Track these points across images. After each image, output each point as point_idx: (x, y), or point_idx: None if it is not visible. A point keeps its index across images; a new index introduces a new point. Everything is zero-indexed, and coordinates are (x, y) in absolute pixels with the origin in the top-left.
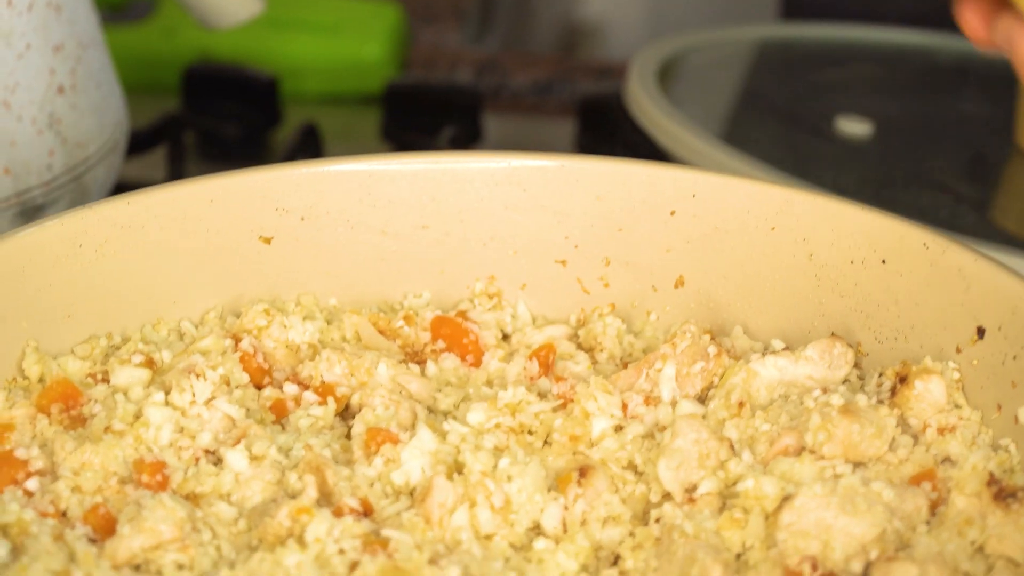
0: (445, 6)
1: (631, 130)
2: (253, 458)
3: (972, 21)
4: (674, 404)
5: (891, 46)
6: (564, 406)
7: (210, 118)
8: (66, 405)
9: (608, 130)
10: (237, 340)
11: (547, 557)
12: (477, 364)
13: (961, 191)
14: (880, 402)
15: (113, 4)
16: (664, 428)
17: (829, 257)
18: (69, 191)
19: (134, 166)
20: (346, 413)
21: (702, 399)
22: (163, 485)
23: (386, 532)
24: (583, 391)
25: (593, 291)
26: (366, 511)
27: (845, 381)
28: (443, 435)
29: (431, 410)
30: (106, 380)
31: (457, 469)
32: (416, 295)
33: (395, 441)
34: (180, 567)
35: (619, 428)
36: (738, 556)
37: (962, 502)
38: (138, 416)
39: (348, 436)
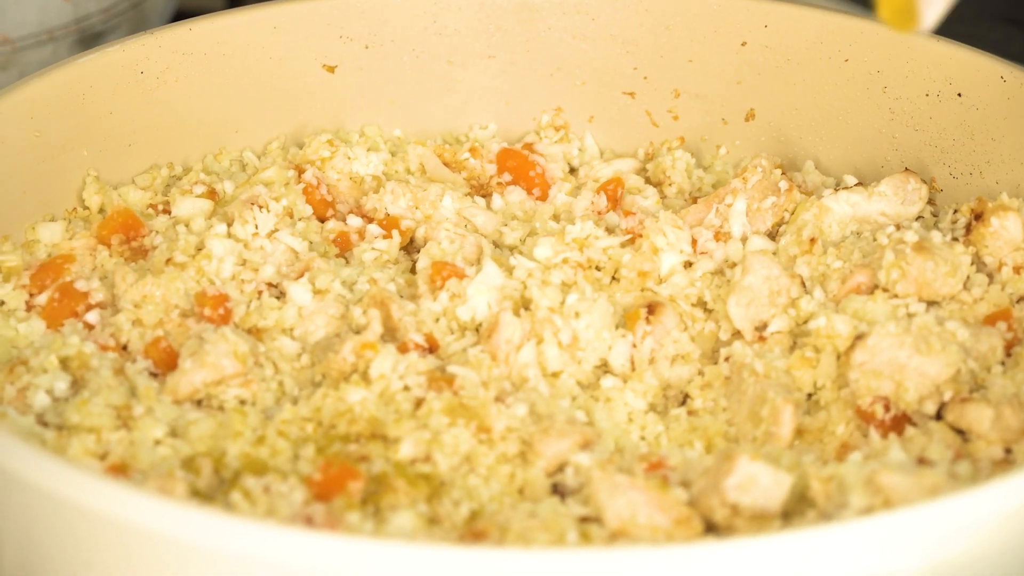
0: None
1: None
2: (316, 292)
3: None
4: (744, 240)
5: None
6: (632, 241)
7: None
8: (127, 236)
9: None
10: (300, 171)
11: (615, 395)
12: (544, 198)
13: None
14: (955, 239)
15: None
16: (734, 264)
17: (903, 90)
18: (128, 19)
19: None
20: (411, 247)
21: (773, 235)
22: (225, 319)
23: (452, 369)
24: (652, 226)
25: (662, 124)
26: (431, 347)
27: (919, 218)
28: (509, 270)
29: (497, 244)
30: (167, 211)
31: (524, 305)
32: (482, 126)
33: (461, 276)
34: (242, 402)
35: (688, 264)
36: (809, 396)
37: None
38: (200, 248)
39: (413, 270)
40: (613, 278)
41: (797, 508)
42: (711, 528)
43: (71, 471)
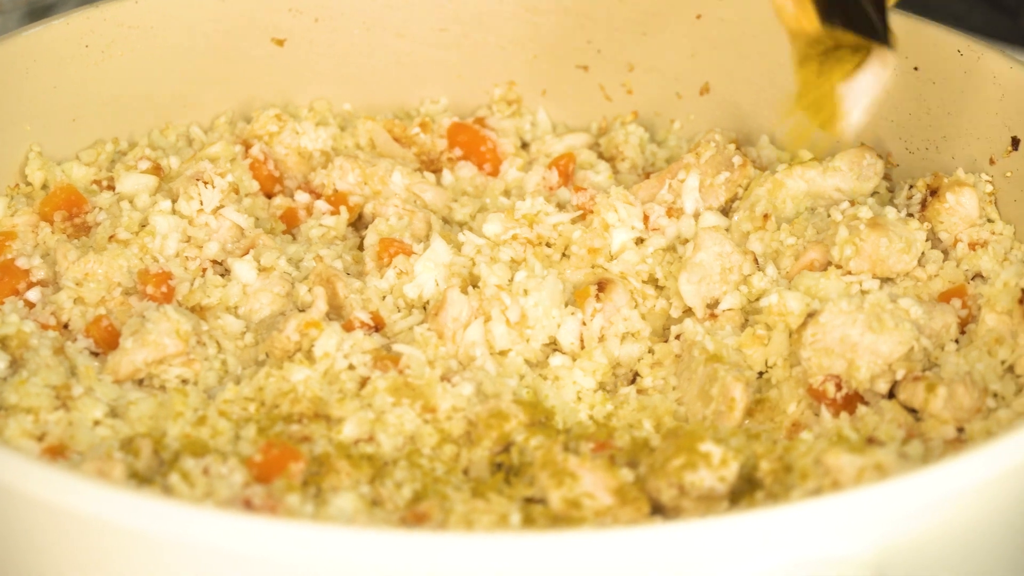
0: None
1: None
2: (262, 269)
3: None
4: (697, 216)
5: None
6: (583, 217)
7: None
8: (70, 213)
9: None
10: (247, 146)
11: (563, 374)
12: (495, 173)
13: None
14: (910, 215)
15: None
16: (686, 241)
17: None
18: None
19: None
20: (359, 223)
21: (726, 211)
22: (168, 297)
23: (397, 347)
24: (603, 202)
25: (615, 98)
26: (377, 325)
27: (874, 193)
28: (458, 247)
29: (446, 220)
30: (111, 187)
31: (472, 282)
32: (433, 100)
33: (408, 252)
34: (184, 382)
35: (640, 241)
36: (760, 374)
37: (993, 320)
38: (144, 225)
39: (360, 247)
40: (563, 255)
41: (746, 489)
42: (658, 509)
43: (3, 454)
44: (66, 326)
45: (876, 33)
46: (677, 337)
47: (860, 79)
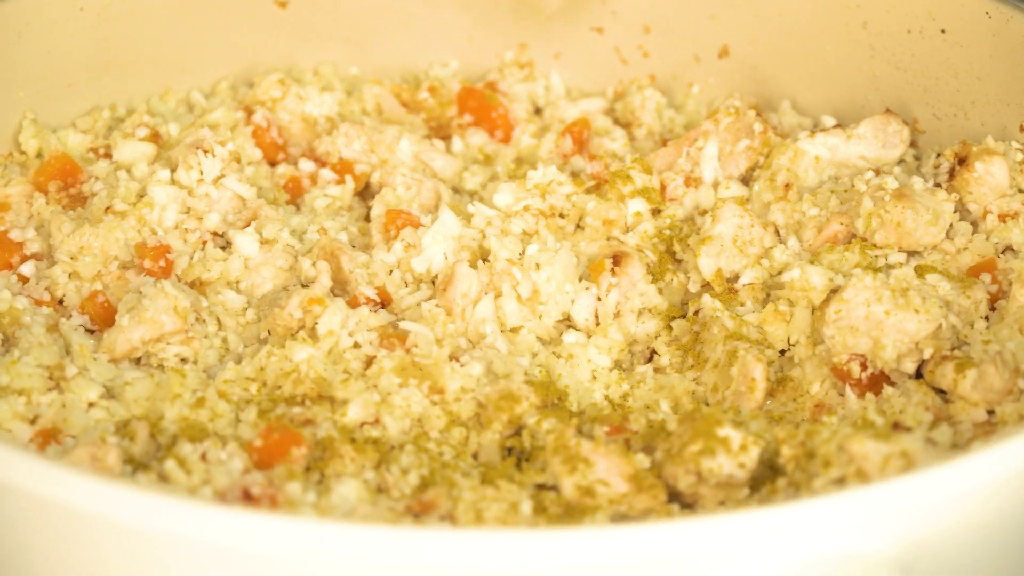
0: None
1: None
2: (264, 242)
3: None
4: (716, 186)
5: None
6: (598, 187)
7: None
8: (65, 182)
9: None
10: (249, 112)
11: (578, 352)
12: (507, 140)
13: None
14: (937, 185)
15: None
16: (705, 212)
17: (884, 25)
18: None
19: None
20: (365, 193)
21: (746, 180)
22: (167, 271)
23: (404, 325)
24: (618, 171)
25: (631, 61)
26: (383, 301)
27: (900, 162)
28: (468, 218)
29: (456, 190)
30: (108, 155)
31: (482, 256)
32: (442, 64)
33: (416, 224)
34: (183, 361)
35: (657, 212)
36: (782, 352)
37: None
38: (142, 195)
39: (367, 218)
40: (577, 226)
41: (767, 475)
42: (675, 496)
43: None
44: (61, 302)
45: None
46: (696, 313)
47: None
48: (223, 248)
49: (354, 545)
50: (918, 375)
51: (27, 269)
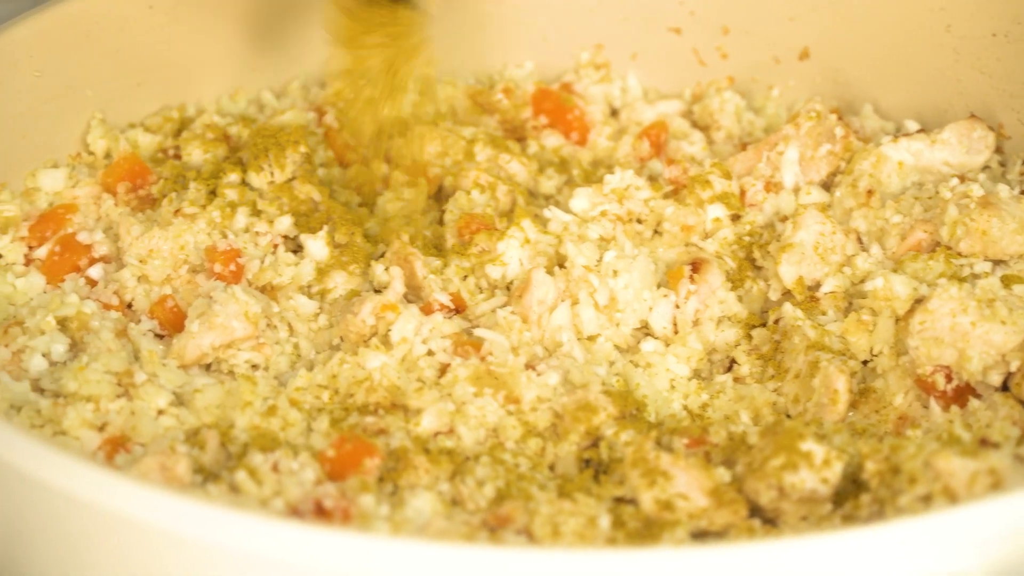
0: None
1: None
2: (336, 246)
3: None
4: (796, 191)
5: None
6: (676, 192)
7: None
8: (134, 184)
9: None
10: (321, 113)
11: (656, 361)
12: (582, 142)
13: None
14: (1023, 193)
15: None
16: (785, 218)
17: (969, 28)
18: None
19: None
20: (439, 196)
21: (827, 186)
22: (237, 275)
23: (479, 332)
24: (697, 175)
25: (710, 62)
26: (458, 308)
27: (985, 168)
28: (544, 223)
29: (531, 194)
30: (178, 156)
31: (559, 262)
32: (517, 65)
33: (491, 229)
34: (254, 367)
35: (736, 217)
36: (865, 363)
37: None
38: (211, 198)
39: (440, 222)
40: (655, 232)
41: (850, 490)
42: (756, 511)
43: (56, 455)
44: (129, 306)
45: None
46: (776, 322)
47: None
48: (294, 252)
49: (432, 566)
50: (1004, 388)
51: (95, 272)
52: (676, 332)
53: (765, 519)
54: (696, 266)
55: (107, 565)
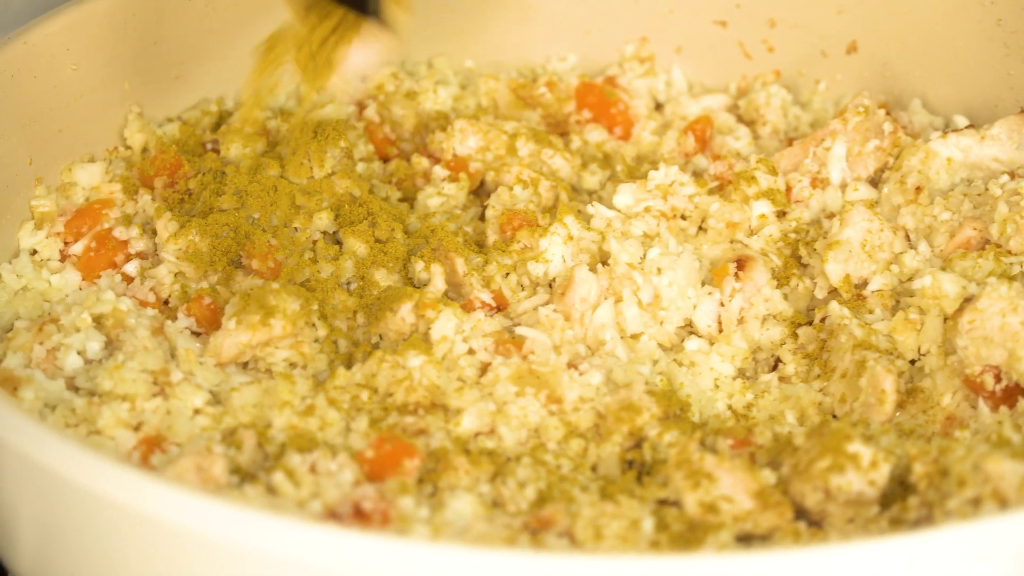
0: None
1: None
2: (376, 242)
3: None
4: (843, 187)
5: None
6: (721, 188)
7: None
8: (171, 179)
9: None
10: (362, 107)
11: (700, 360)
12: (626, 137)
13: None
14: None
15: None
16: (832, 215)
17: (1020, 22)
18: None
19: None
20: (480, 191)
21: (875, 182)
22: (275, 272)
23: (521, 331)
24: (743, 171)
25: (756, 56)
26: (499, 305)
27: None
28: (587, 219)
29: (575, 189)
30: (216, 151)
31: (602, 259)
32: (560, 58)
33: (534, 225)
34: (292, 365)
35: (782, 214)
36: (912, 362)
37: None
38: (250, 192)
39: (482, 218)
40: (700, 228)
41: (898, 492)
42: (802, 514)
43: (87, 457)
44: (166, 303)
45: (361, 5)
46: (823, 320)
47: (352, 55)
48: (334, 246)
49: (473, 572)
50: None
51: (132, 268)
52: (721, 331)
53: (811, 522)
54: (741, 263)
55: (139, 568)
